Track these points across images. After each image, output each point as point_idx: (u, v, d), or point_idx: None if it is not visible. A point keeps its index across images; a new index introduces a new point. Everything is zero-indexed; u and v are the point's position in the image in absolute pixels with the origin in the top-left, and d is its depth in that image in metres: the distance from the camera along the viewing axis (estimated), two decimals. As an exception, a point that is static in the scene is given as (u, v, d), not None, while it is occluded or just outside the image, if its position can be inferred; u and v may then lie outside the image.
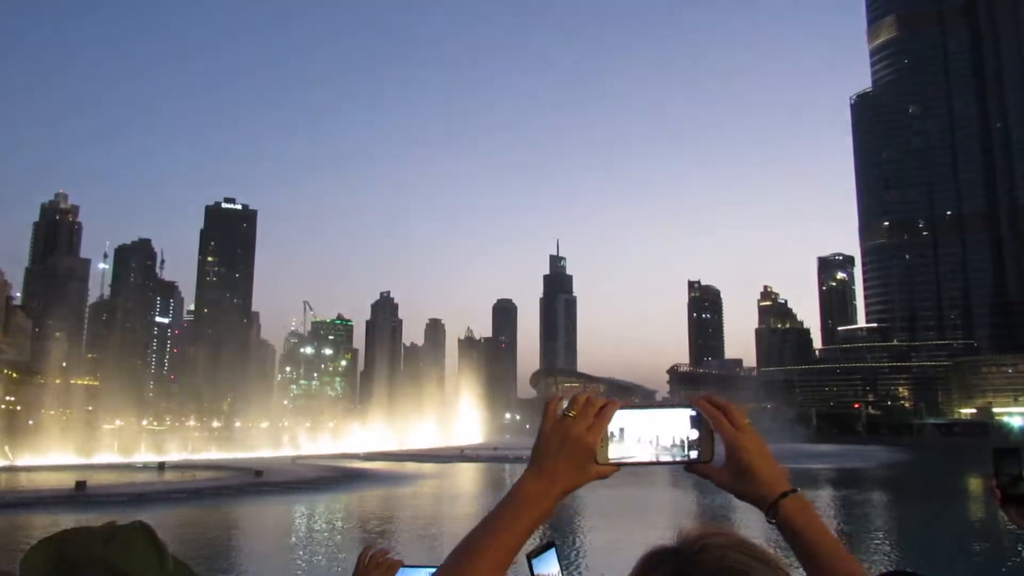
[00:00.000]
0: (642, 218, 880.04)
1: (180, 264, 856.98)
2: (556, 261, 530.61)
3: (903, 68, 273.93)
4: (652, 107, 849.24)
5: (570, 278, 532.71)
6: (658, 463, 1.71)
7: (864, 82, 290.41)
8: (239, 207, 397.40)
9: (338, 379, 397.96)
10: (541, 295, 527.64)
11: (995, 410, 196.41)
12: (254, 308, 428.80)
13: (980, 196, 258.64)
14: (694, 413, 1.73)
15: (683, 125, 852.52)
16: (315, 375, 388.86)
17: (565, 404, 1.71)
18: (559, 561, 1.72)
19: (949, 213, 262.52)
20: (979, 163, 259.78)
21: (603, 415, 1.68)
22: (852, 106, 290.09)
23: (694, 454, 1.71)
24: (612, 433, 1.69)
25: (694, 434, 1.72)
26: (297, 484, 54.10)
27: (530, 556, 1.70)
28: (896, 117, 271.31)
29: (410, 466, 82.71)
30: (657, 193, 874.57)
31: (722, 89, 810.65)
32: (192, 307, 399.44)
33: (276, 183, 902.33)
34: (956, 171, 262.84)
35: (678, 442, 1.71)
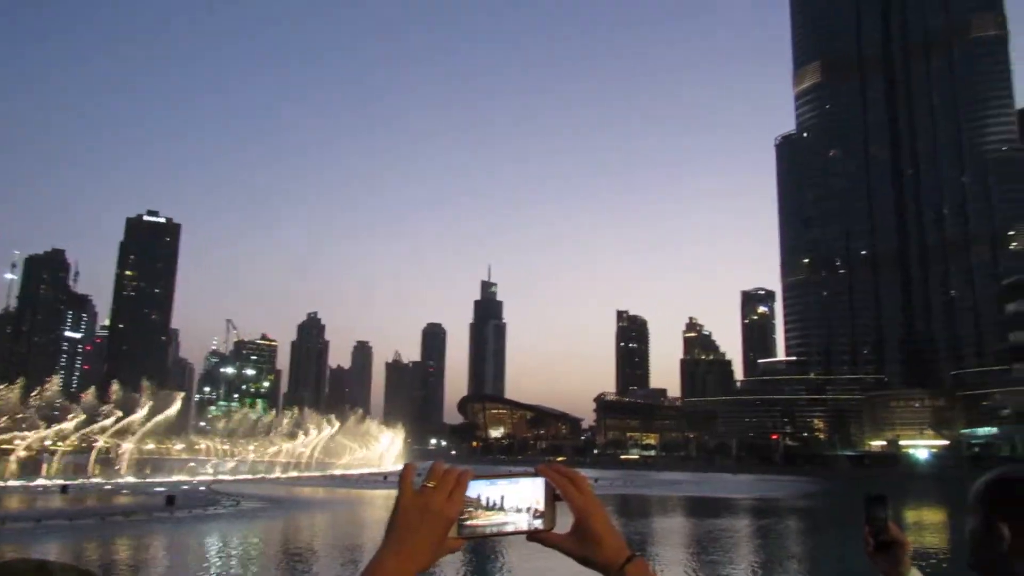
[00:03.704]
0: (574, 247, 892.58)
1: (96, 278, 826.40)
2: (487, 287, 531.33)
3: (825, 113, 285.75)
4: (585, 142, 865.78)
5: (500, 304, 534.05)
6: (502, 534, 1.70)
7: (789, 124, 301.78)
8: (162, 220, 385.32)
9: (260, 401, 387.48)
10: (471, 320, 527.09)
11: (902, 443, 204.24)
12: (174, 325, 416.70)
13: (892, 237, 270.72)
14: (541, 482, 1.73)
15: (615, 160, 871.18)
16: (236, 396, 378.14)
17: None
18: None
19: (864, 252, 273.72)
20: (892, 206, 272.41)
21: (461, 485, 1.64)
22: (777, 147, 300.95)
23: (538, 523, 1.71)
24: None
25: (539, 503, 1.71)
26: (211, 511, 52.14)
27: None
28: (818, 159, 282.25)
29: (332, 492, 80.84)
30: (589, 223, 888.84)
31: (654, 126, 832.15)
32: (107, 322, 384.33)
33: (203, 198, 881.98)
34: (871, 213, 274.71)
35: (523, 511, 1.70)
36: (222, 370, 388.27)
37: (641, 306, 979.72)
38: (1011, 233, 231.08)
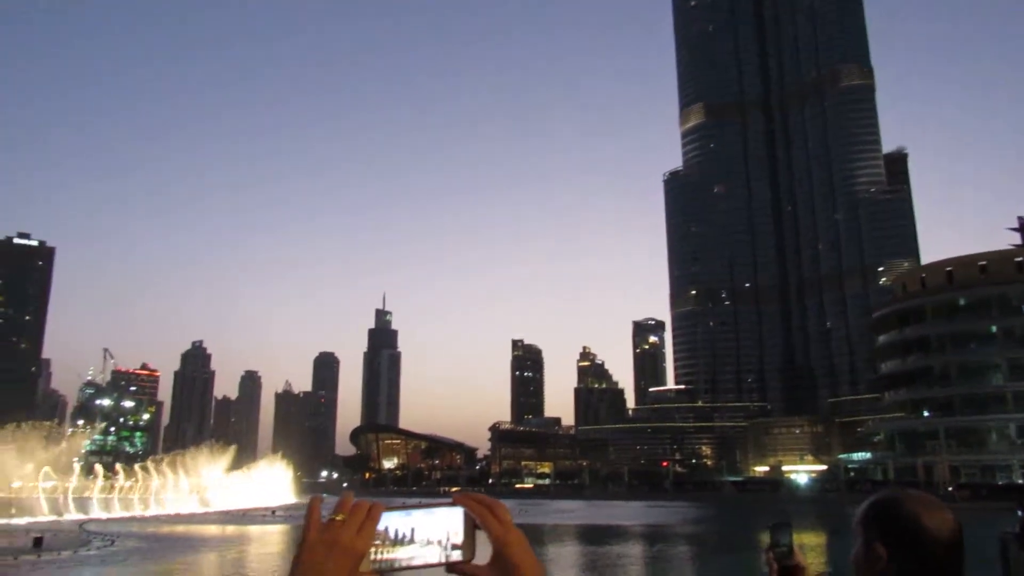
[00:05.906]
0: (469, 276, 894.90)
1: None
2: (382, 315, 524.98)
3: (709, 151, 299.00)
4: (481, 172, 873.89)
5: (395, 333, 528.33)
6: (419, 567, 1.64)
7: (677, 162, 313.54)
8: (35, 243, 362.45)
9: (139, 434, 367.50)
10: (365, 349, 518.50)
11: (784, 468, 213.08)
12: (45, 355, 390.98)
13: (773, 270, 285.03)
14: (459, 512, 1.69)
15: (511, 191, 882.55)
16: (112, 429, 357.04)
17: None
18: None
19: (747, 285, 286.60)
20: (772, 241, 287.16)
21: (372, 518, 1.60)
22: (665, 183, 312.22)
23: (456, 554, 1.66)
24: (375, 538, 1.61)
25: (457, 534, 1.67)
26: (83, 552, 48.88)
27: None
28: (703, 195, 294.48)
29: (216, 529, 77.23)
30: (484, 252, 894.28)
31: (549, 160, 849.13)
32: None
33: (79, 220, 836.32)
34: (753, 247, 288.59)
35: (441, 542, 1.66)
36: (98, 402, 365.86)
37: (536, 335, 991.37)
38: (880, 269, 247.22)
